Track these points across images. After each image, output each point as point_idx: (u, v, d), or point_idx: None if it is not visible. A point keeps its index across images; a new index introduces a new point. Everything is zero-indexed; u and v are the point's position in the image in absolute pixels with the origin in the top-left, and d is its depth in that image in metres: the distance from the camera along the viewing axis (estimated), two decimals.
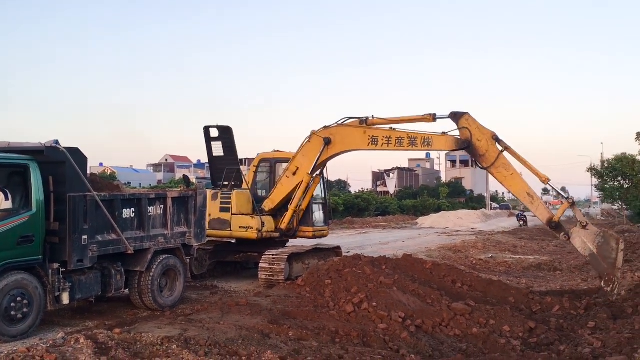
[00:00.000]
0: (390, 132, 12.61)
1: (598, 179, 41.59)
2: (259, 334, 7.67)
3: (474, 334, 8.85)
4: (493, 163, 11.60)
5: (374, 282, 10.41)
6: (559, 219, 11.40)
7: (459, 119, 11.88)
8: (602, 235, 10.63)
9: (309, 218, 14.68)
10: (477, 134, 11.75)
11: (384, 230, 38.25)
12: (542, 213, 11.55)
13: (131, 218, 9.98)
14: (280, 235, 14.28)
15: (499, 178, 11.77)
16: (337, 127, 13.24)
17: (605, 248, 10.47)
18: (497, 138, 11.69)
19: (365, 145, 12.96)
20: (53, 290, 8.60)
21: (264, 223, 13.79)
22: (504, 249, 25.30)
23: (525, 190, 11.58)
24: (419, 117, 12.52)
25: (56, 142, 8.85)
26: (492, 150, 11.67)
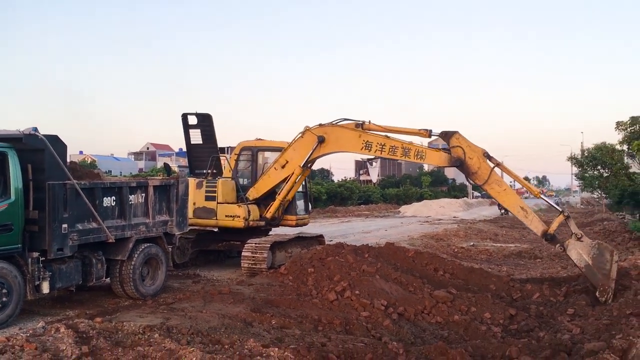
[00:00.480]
0: (385, 139, 12.61)
1: (578, 168, 42.08)
2: (241, 323, 7.67)
3: (455, 321, 8.94)
4: (486, 180, 11.70)
5: (356, 270, 10.45)
6: (554, 231, 11.52)
7: (450, 137, 11.97)
8: (597, 247, 10.85)
9: (293, 207, 14.69)
10: (468, 152, 11.85)
11: (366, 219, 38.38)
12: (536, 226, 11.68)
13: (112, 206, 9.88)
14: (265, 224, 14.26)
15: (493, 194, 11.89)
16: (332, 126, 13.16)
17: (600, 259, 10.67)
18: (488, 155, 11.81)
19: (358, 149, 12.98)
20: (33, 279, 8.49)
21: (250, 212, 13.75)
22: (486, 237, 25.56)
23: (519, 204, 11.71)
24: (415, 131, 12.57)
25: (35, 129, 8.70)
26: (484, 167, 11.77)
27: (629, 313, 8.81)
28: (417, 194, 68.70)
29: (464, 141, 11.89)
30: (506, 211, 44.76)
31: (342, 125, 13.07)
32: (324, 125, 13.22)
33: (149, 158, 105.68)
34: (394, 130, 12.77)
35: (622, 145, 27.99)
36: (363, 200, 58.79)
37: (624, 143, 27.01)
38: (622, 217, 37.96)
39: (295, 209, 14.77)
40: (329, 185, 56.56)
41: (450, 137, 11.96)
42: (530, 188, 12.67)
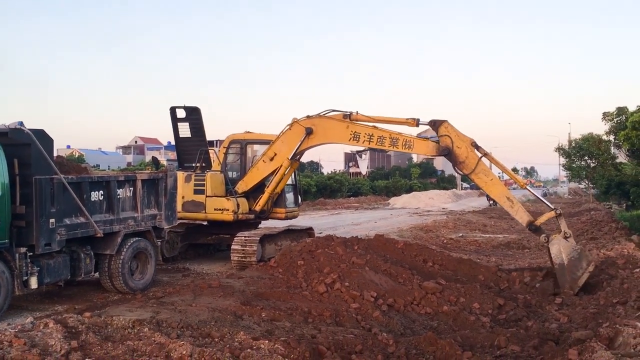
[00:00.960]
0: (373, 130, 12.61)
1: (565, 159, 42.32)
2: (231, 316, 7.67)
3: (444, 311, 9.00)
4: (474, 169, 11.76)
5: (346, 262, 10.48)
6: (540, 224, 11.61)
7: (439, 126, 11.99)
8: (579, 251, 10.96)
9: (282, 200, 14.68)
10: (457, 141, 11.87)
11: (356, 211, 38.45)
12: (521, 216, 11.76)
13: (100, 201, 9.82)
14: (255, 217, 14.24)
15: (480, 183, 11.95)
16: (319, 118, 13.16)
17: (576, 264, 10.76)
18: (476, 145, 11.85)
19: (346, 140, 12.97)
20: (21, 274, 8.44)
21: (239, 205, 13.72)
22: (474, 228, 25.69)
23: (505, 194, 11.80)
24: (402, 120, 12.57)
25: (20, 123, 8.61)
26: (471, 157, 11.81)
27: (616, 302, 8.92)
28: (406, 186, 68.89)
29: (452, 130, 11.92)
30: (495, 202, 44.86)
31: (330, 117, 13.07)
32: (312, 117, 13.21)
33: (137, 152, 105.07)
34: (381, 120, 12.79)
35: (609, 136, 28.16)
36: (352, 193, 58.86)
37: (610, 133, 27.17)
38: (609, 207, 38.34)
39: (284, 202, 14.74)
40: (319, 178, 56.56)
41: (439, 125, 11.99)
42: (517, 179, 12.77)
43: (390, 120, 12.83)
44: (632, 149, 21.21)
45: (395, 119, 12.78)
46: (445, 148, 11.92)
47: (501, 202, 11.85)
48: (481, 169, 11.82)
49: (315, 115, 13.18)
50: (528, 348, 7.04)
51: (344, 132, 12.87)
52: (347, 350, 6.72)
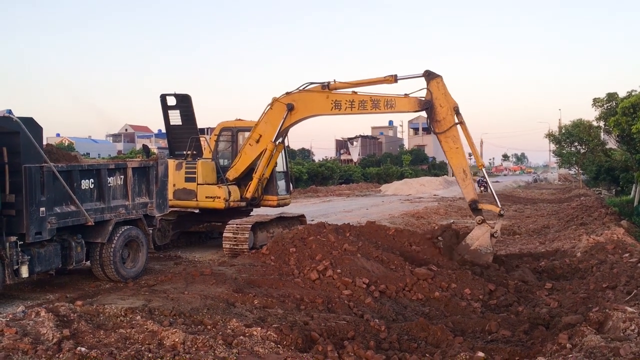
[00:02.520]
0: (353, 95, 12.59)
1: (556, 145, 42.52)
2: (224, 303, 7.68)
3: (436, 297, 9.06)
4: (445, 131, 11.79)
5: (338, 249, 10.51)
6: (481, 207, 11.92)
7: (431, 80, 11.92)
8: (488, 252, 11.40)
9: (273, 187, 14.63)
10: (441, 99, 11.85)
11: (347, 199, 38.50)
12: (469, 192, 11.96)
13: (90, 189, 9.77)
14: (246, 205, 14.22)
15: (445, 148, 11.94)
16: (299, 92, 13.15)
17: (476, 255, 11.34)
18: (457, 110, 11.84)
19: (328, 109, 12.92)
20: (11, 263, 8.39)
21: (230, 192, 13.70)
22: (465, 214, 25.75)
23: (463, 166, 11.85)
24: (381, 79, 12.48)
25: (9, 111, 8.53)
26: (449, 119, 11.82)
27: (605, 286, 9.01)
28: (397, 173, 68.98)
29: (442, 87, 11.90)
30: (485, 189, 45.37)
31: (309, 90, 13.08)
32: (291, 92, 13.23)
33: (128, 140, 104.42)
34: (359, 83, 12.72)
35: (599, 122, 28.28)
36: (344, 180, 58.89)
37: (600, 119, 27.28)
38: (599, 192, 38.65)
39: (276, 189, 14.69)
40: (310, 165, 56.51)
41: (432, 78, 11.95)
42: (477, 157, 12.77)
43: (368, 81, 12.74)
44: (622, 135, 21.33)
45: (373, 79, 12.69)
46: (428, 101, 11.89)
47: (456, 172, 11.98)
48: (452, 134, 11.83)
49: (294, 91, 13.19)
50: (519, 333, 7.11)
51: (325, 103, 12.88)
52: (340, 336, 6.76)
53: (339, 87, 12.72)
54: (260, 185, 14.20)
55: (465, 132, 12.05)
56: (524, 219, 23.87)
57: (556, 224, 20.65)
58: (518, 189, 53.95)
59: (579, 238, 14.74)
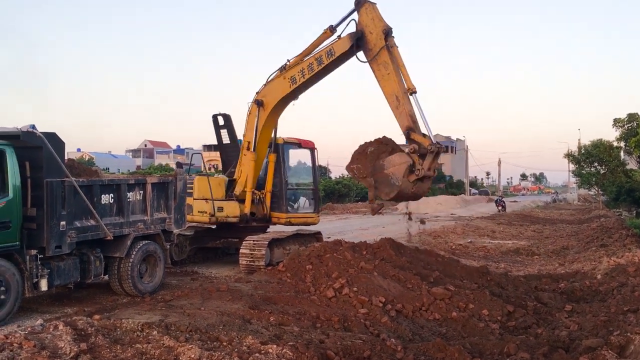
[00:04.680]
0: (301, 64, 12.56)
1: (575, 165, 42.14)
2: (240, 320, 7.67)
3: (453, 317, 8.96)
4: (374, 57, 11.33)
5: (354, 267, 10.46)
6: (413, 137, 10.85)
7: (360, 7, 11.66)
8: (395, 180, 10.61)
9: (281, 202, 14.33)
10: (370, 26, 11.45)
11: (364, 216, 38.39)
12: (403, 120, 11.09)
13: (110, 204, 9.87)
14: (244, 220, 14.04)
15: (377, 76, 11.45)
16: (264, 86, 13.33)
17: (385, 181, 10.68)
18: (387, 33, 11.33)
19: (288, 88, 12.88)
20: (31, 276, 8.48)
21: (220, 208, 13.68)
22: (483, 234, 25.59)
23: (396, 93, 11.19)
24: (321, 37, 12.34)
25: (32, 126, 8.69)
26: (379, 44, 11.38)
27: (627, 309, 8.86)
28: None
29: (371, 13, 11.57)
30: (504, 208, 45.07)
31: (271, 79, 13.20)
32: (259, 90, 13.39)
33: (147, 155, 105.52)
34: (306, 51, 12.64)
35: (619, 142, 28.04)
36: (360, 198, 58.77)
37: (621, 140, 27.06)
38: (619, 213, 38.09)
39: (284, 205, 14.32)
40: (327, 182, 56.53)
41: (360, 6, 11.68)
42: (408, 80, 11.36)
43: (312, 45, 12.57)
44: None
45: (314, 41, 12.52)
46: (358, 31, 11.58)
47: (389, 100, 11.31)
48: (382, 60, 11.33)
49: (260, 88, 13.34)
50: (538, 356, 7.00)
51: (283, 83, 12.94)
52: (355, 355, 6.71)
53: (292, 64, 12.73)
54: (260, 200, 14.08)
55: (397, 57, 11.42)
56: (542, 239, 23.60)
57: (576, 245, 20.37)
58: (537, 209, 53.39)
59: (599, 260, 14.52)
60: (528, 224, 31.35)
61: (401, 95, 11.13)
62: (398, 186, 10.60)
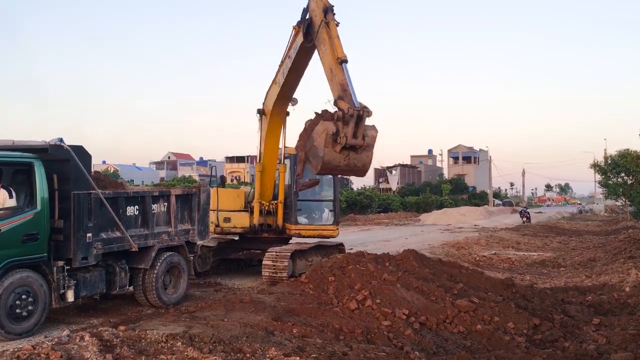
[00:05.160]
0: (282, 64, 12.76)
1: (601, 175, 41.50)
2: (263, 331, 7.68)
3: (478, 330, 8.85)
4: (316, 37, 11.06)
5: (377, 279, 10.41)
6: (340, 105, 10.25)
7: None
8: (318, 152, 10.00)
9: (291, 214, 14.17)
10: (315, 10, 11.24)
11: (386, 227, 38.24)
12: (334, 90, 10.58)
13: (135, 216, 9.99)
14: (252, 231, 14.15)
15: (319, 54, 11.15)
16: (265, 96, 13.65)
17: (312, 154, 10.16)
18: (327, 11, 11.02)
19: (277, 90, 13.11)
20: (58, 287, 8.60)
21: (227, 219, 13.89)
22: (507, 245, 25.29)
23: (331, 65, 10.76)
24: (292, 37, 12.20)
25: (60, 140, 8.84)
26: (319, 23, 11.13)
27: None
28: (437, 202, 68.30)
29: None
30: (528, 219, 44.51)
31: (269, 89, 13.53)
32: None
33: (170, 167, 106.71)
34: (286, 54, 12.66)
35: None
36: (383, 209, 58.61)
37: None
38: None
39: (294, 217, 14.12)
40: (349, 194, 56.51)
41: None
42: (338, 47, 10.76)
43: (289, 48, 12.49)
44: None
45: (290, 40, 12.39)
46: (308, 19, 11.40)
47: (326, 74, 10.86)
48: (322, 37, 10.90)
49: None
50: None
51: (274, 87, 13.18)
52: None
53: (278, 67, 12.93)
54: (271, 211, 14.11)
55: (332, 28, 11.04)
56: (569, 251, 23.21)
57: (603, 257, 20.00)
58: (562, 220, 52.60)
59: (627, 272, 14.23)
60: (553, 236, 30.89)
61: (334, 66, 10.78)
62: (321, 157, 9.98)
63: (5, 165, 8.52)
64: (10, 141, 8.96)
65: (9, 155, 8.56)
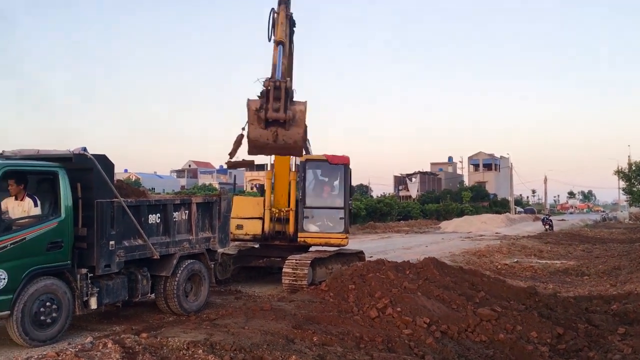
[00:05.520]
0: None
1: (625, 182, 40.85)
2: (283, 339, 7.68)
3: (500, 339, 8.75)
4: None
5: (398, 287, 10.36)
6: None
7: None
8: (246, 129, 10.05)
9: (299, 221, 14.15)
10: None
11: (406, 235, 38.06)
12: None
13: (157, 223, 10.09)
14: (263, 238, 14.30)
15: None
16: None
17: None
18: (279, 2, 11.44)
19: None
20: (81, 295, 8.72)
21: (240, 226, 14.08)
22: (530, 253, 25.00)
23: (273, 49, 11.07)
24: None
25: (84, 149, 8.98)
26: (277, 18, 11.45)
27: None
28: (457, 210, 67.79)
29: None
30: (551, 227, 43.93)
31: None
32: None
33: (191, 175, 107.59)
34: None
35: None
36: (402, 216, 58.34)
37: None
38: None
39: (300, 224, 14.06)
40: (368, 201, 56.38)
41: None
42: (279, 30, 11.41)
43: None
44: None
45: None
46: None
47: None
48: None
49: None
50: None
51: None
52: None
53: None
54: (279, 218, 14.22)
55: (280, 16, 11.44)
56: (592, 259, 22.86)
57: (628, 265, 19.64)
58: (586, 227, 51.85)
59: None
60: (577, 244, 30.45)
61: (274, 48, 11.01)
62: (247, 135, 9.92)
63: (30, 174, 8.70)
64: (35, 150, 9.13)
65: (34, 165, 8.73)
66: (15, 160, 8.74)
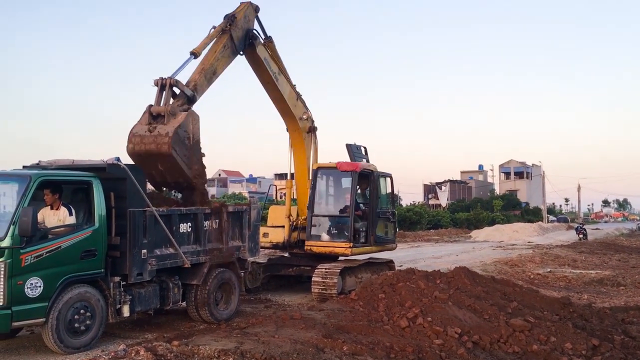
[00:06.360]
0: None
1: None
2: (313, 348, 7.67)
3: (534, 351, 8.59)
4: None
5: (428, 296, 10.27)
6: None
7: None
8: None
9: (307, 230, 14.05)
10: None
11: (436, 244, 37.72)
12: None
13: (188, 232, 10.19)
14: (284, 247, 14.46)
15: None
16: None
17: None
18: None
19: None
20: (114, 302, 8.85)
21: (266, 234, 14.27)
22: (563, 263, 24.52)
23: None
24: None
25: (117, 159, 9.17)
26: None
27: None
28: (488, 218, 66.90)
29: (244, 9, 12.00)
30: (585, 236, 43.04)
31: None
32: None
33: (221, 184, 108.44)
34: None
35: None
36: (432, 225, 57.83)
37: None
38: None
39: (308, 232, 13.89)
40: (398, 210, 55.79)
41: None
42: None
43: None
44: None
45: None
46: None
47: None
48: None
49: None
50: None
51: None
52: None
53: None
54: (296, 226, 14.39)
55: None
56: (628, 269, 22.30)
57: None
58: (621, 237, 50.66)
59: None
60: (612, 253, 29.75)
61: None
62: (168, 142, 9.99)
63: (65, 183, 8.90)
64: (70, 160, 9.34)
65: (69, 174, 8.94)
66: (51, 170, 8.97)
